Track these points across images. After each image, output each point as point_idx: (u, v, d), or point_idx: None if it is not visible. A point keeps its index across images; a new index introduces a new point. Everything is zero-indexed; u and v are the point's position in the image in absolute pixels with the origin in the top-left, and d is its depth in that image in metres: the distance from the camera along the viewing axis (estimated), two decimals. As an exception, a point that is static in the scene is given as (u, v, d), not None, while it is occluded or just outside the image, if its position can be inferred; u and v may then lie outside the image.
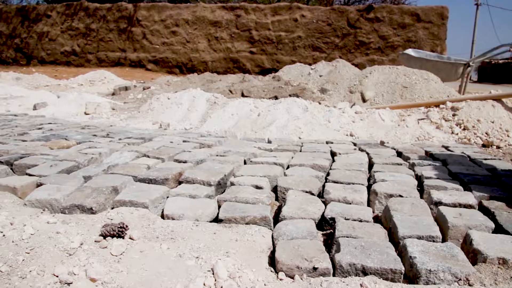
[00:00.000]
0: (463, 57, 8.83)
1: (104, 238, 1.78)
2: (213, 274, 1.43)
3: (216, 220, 2.05)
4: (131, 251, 1.69)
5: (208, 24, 14.64)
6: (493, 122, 4.56)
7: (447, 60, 8.73)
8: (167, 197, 2.30)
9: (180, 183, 2.56)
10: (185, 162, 2.99)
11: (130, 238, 1.81)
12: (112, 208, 2.17)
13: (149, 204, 2.17)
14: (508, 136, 4.32)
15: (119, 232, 1.80)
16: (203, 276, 1.43)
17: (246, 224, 1.97)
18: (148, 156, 3.15)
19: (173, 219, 2.05)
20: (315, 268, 1.52)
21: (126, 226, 1.85)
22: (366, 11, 13.81)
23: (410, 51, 8.98)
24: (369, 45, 13.84)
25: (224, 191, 2.47)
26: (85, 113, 5.82)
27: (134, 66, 15.13)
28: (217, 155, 3.22)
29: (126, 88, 8.40)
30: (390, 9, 13.76)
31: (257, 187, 2.40)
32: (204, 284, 1.37)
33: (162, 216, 2.10)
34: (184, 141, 3.77)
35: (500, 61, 28.64)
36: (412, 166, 3.04)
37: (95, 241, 1.74)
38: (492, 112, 4.74)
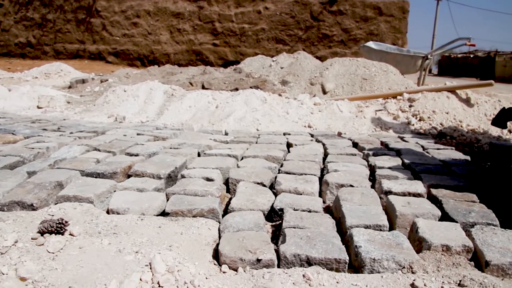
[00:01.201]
0: (425, 51, 9.01)
1: (42, 235, 1.69)
2: (150, 268, 1.37)
3: (164, 213, 2.00)
4: (69, 247, 1.61)
5: (170, 16, 14.36)
6: (447, 113, 4.66)
7: (406, 53, 8.89)
8: (115, 191, 2.23)
9: (129, 176, 2.49)
10: (136, 155, 2.91)
11: (70, 234, 1.73)
12: (56, 204, 2.07)
13: (94, 199, 2.09)
14: (461, 126, 4.43)
15: (57, 228, 1.72)
16: (140, 271, 1.37)
17: (194, 217, 1.92)
18: (99, 150, 3.05)
19: (118, 213, 1.98)
20: (258, 260, 1.49)
21: (66, 222, 1.77)
22: (329, 4, 13.88)
23: (370, 44, 9.09)
24: (332, 37, 13.94)
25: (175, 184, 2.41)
26: (38, 107, 5.60)
27: (94, 58, 14.69)
28: (170, 148, 3.15)
29: (83, 81, 8.14)
30: (352, 2, 13.88)
31: (208, 179, 2.35)
32: (140, 279, 1.32)
33: (108, 211, 2.02)
34: (138, 134, 3.67)
35: (459, 55, 29.53)
36: (366, 157, 3.06)
37: (31, 239, 1.66)
38: (447, 103, 4.84)
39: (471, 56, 27.91)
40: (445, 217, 1.97)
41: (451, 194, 2.23)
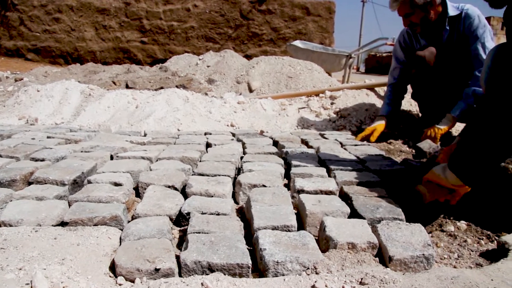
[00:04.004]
0: (353, 49, 9.29)
1: None
2: (31, 287, 1.24)
3: (63, 223, 1.85)
4: None
5: (94, 12, 13.75)
6: (367, 110, 4.80)
7: (331, 51, 9.12)
8: (11, 201, 2.03)
9: (30, 184, 2.29)
10: (42, 160, 2.70)
11: (-51, 252, 1.55)
12: None
13: (-16, 210, 1.90)
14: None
15: None
16: (20, 291, 1.24)
17: (95, 225, 1.79)
18: (0, 156, 2.80)
19: (10, 225, 1.80)
20: (157, 270, 1.40)
21: None
22: (258, 3, 13.94)
23: (297, 43, 9.23)
24: (262, 36, 14.03)
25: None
26: None
27: (11, 55, 13.73)
28: (81, 151, 2.96)
29: (-4, 80, 7.56)
30: (281, 1, 14.04)
31: (116, 184, 2.22)
32: (18, 301, 1.19)
33: (1, 223, 1.84)
34: (48, 137, 3.43)
35: (384, 54, 30.98)
36: (285, 155, 3.05)
37: None
38: (367, 100, 5.00)
39: (395, 55, 29.22)
40: (354, 213, 1.99)
41: (362, 191, 2.26)
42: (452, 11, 3.58)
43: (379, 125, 3.91)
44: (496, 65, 1.90)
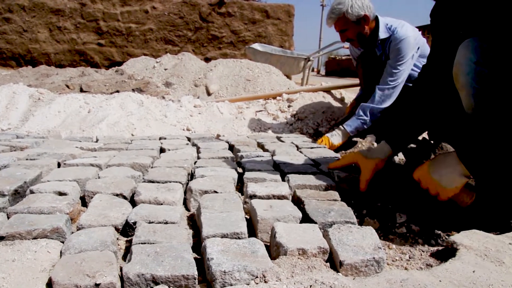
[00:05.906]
0: (311, 53, 9.37)
1: None
2: (-45, 311, 1.15)
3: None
4: None
5: (48, 12, 13.29)
6: (324, 112, 4.83)
7: (290, 54, 9.18)
8: None
9: (-33, 195, 2.15)
10: (-18, 169, 2.55)
11: None
12: None
13: None
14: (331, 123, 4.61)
15: None
16: None
17: (34, 238, 1.69)
18: None
19: None
20: (97, 285, 1.33)
21: None
22: (217, 5, 13.88)
23: (256, 46, 9.24)
24: (222, 39, 13.98)
25: (24, 200, 2.13)
26: None
27: (-42, 58, 13.08)
28: (26, 159, 2.82)
29: None
30: (240, 4, 14.03)
31: (60, 194, 2.11)
32: None
33: None
34: (-9, 144, 3.26)
35: (343, 57, 31.60)
36: (240, 159, 3.02)
37: None
38: (324, 103, 5.03)
39: (354, 58, 29.89)
40: (306, 218, 1.97)
41: (315, 194, 2.25)
42: (382, 34, 3.65)
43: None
44: (487, 58, 1.81)
